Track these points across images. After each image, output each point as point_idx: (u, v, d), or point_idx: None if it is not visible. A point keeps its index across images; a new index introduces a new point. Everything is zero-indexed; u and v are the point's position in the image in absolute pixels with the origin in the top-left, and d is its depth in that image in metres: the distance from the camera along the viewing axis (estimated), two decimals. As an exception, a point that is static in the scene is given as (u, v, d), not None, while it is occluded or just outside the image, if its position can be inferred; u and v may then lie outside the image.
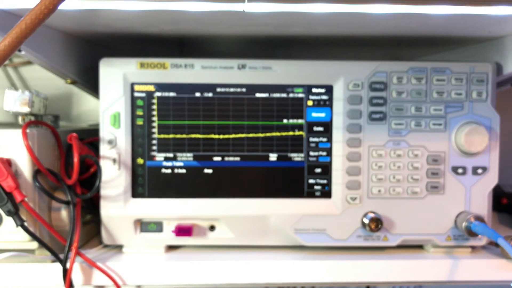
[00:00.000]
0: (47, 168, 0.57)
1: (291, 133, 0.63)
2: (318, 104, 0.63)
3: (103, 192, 0.62)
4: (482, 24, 0.59)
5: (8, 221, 0.55)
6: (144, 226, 0.64)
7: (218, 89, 0.63)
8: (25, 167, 0.56)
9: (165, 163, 0.63)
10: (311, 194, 0.64)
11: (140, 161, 0.63)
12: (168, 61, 0.62)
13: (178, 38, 0.73)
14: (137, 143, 0.63)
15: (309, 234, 0.63)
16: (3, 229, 0.56)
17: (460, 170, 0.63)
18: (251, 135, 0.63)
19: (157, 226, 0.64)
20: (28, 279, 0.59)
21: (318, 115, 0.63)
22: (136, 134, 0.63)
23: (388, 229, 0.63)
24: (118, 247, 0.65)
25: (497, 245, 0.58)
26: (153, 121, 0.63)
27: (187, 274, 0.60)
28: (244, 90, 0.63)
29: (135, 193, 0.63)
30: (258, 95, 0.63)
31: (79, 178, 0.60)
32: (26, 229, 0.54)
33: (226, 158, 0.63)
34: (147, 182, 0.63)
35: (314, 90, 0.63)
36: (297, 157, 0.64)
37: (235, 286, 0.62)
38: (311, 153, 0.64)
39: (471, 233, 0.61)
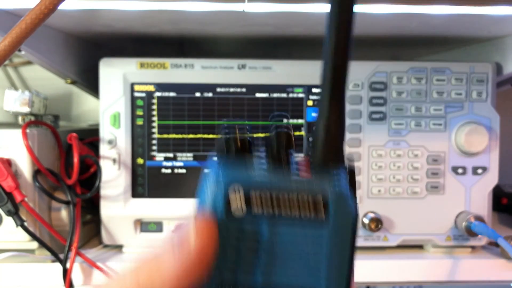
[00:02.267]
0: (47, 168, 0.57)
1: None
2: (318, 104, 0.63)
3: (103, 192, 0.62)
4: (482, 24, 0.59)
5: (8, 221, 0.55)
6: (144, 226, 0.64)
7: (218, 89, 0.63)
8: (25, 167, 0.56)
9: (165, 163, 0.63)
10: (311, 194, 0.64)
11: (140, 161, 0.63)
12: (168, 61, 0.62)
13: (178, 38, 0.73)
14: (137, 143, 0.63)
15: (309, 234, 0.63)
16: (3, 229, 0.56)
17: (460, 170, 0.63)
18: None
19: (157, 226, 0.64)
20: (28, 279, 0.58)
21: (318, 115, 0.63)
22: (136, 134, 0.63)
23: (388, 229, 0.63)
24: (118, 247, 0.65)
25: (497, 245, 0.58)
26: (153, 121, 0.63)
27: (187, 274, 0.60)
28: (244, 90, 0.63)
29: (135, 193, 0.63)
30: (258, 95, 0.63)
31: (79, 178, 0.60)
32: (26, 229, 0.54)
33: (226, 158, 0.63)
34: (147, 182, 0.63)
35: (314, 90, 0.63)
36: (297, 157, 0.63)
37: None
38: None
39: (471, 233, 0.61)
